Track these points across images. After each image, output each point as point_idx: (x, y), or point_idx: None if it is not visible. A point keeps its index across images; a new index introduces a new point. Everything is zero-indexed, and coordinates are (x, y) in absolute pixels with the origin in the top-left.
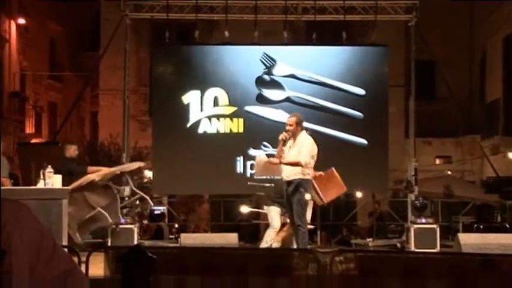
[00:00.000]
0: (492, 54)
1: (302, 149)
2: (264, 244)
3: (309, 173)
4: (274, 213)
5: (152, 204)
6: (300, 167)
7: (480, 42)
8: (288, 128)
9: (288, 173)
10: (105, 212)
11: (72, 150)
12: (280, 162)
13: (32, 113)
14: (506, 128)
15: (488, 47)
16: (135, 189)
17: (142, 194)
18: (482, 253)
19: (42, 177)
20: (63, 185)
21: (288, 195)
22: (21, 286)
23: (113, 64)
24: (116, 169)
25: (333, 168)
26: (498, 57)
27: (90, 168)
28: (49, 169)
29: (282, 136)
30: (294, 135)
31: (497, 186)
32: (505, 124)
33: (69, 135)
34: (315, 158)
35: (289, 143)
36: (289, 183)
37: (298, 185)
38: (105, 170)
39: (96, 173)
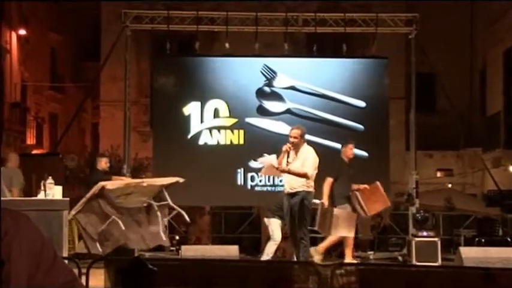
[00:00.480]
0: (492, 67)
1: (306, 161)
2: (265, 257)
3: (312, 185)
4: (275, 226)
5: (188, 220)
6: (304, 179)
7: (480, 54)
8: (292, 140)
9: (293, 185)
10: (119, 221)
11: (103, 163)
12: (289, 171)
13: (33, 124)
14: (507, 141)
15: (489, 60)
16: (172, 204)
17: (179, 210)
18: (484, 267)
19: (42, 188)
20: None
21: (290, 206)
22: None
23: (114, 75)
24: (140, 181)
25: (378, 182)
26: (499, 70)
27: (114, 178)
28: (50, 180)
29: (286, 147)
30: (296, 147)
31: (498, 199)
32: (506, 137)
33: (70, 147)
34: (317, 170)
35: (291, 154)
36: (292, 195)
37: (303, 198)
38: (123, 180)
39: (110, 182)
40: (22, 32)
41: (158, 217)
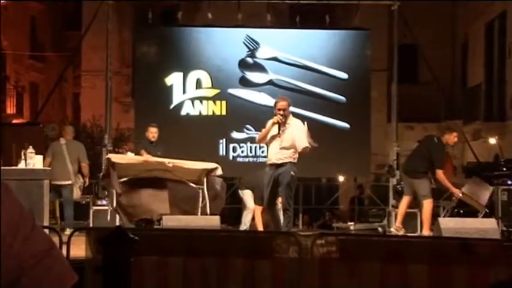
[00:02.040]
0: (474, 40)
1: (301, 134)
2: (243, 226)
3: (297, 157)
4: (248, 196)
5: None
6: (292, 151)
7: (462, 27)
8: (281, 112)
9: (279, 156)
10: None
11: (150, 133)
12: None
13: (13, 93)
14: (487, 113)
15: (471, 32)
16: (205, 192)
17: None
18: (462, 237)
19: (23, 157)
20: None
21: (275, 177)
22: None
23: (96, 44)
24: (165, 161)
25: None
26: (480, 43)
27: (142, 152)
28: (30, 149)
29: (276, 119)
30: (285, 119)
31: (477, 171)
32: (486, 109)
33: (51, 116)
34: None
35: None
36: (278, 165)
37: (290, 168)
38: (145, 157)
39: (119, 156)
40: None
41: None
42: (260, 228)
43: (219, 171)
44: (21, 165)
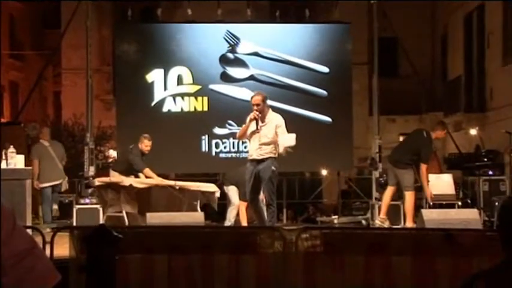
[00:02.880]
0: (453, 32)
1: (282, 129)
2: (227, 222)
3: (277, 151)
4: (232, 192)
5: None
6: (272, 147)
7: (442, 19)
8: (256, 107)
9: (261, 152)
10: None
11: (144, 145)
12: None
13: None
14: (467, 105)
15: (450, 25)
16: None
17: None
18: (445, 228)
19: (4, 157)
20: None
21: (256, 172)
22: None
23: (75, 42)
24: (173, 183)
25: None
26: (459, 35)
27: (147, 171)
28: (11, 149)
29: (253, 115)
30: (262, 113)
31: (459, 162)
32: (467, 101)
33: (32, 115)
34: None
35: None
36: (259, 161)
37: (271, 163)
38: (157, 180)
39: (138, 180)
40: None
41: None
42: (244, 223)
43: (217, 194)
44: (3, 165)
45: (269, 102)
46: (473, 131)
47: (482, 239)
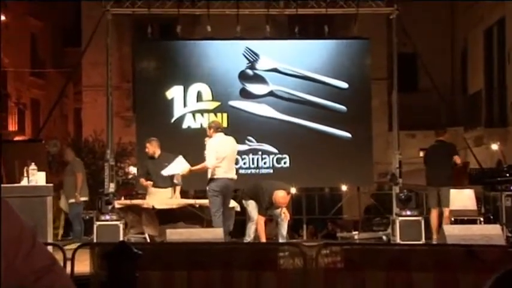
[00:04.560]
0: (473, 46)
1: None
2: (247, 238)
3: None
4: (252, 207)
5: None
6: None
7: (461, 33)
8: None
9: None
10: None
11: (147, 149)
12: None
13: (14, 111)
14: (488, 120)
15: (470, 39)
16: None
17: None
18: (466, 244)
19: (26, 174)
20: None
21: (230, 191)
22: None
23: (96, 60)
24: (193, 202)
25: None
26: (479, 49)
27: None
28: (33, 166)
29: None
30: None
31: (480, 177)
32: (487, 116)
33: (53, 132)
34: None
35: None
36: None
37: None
38: (177, 201)
39: (160, 202)
40: (1, 17)
41: None
42: (263, 238)
43: (237, 209)
44: (24, 182)
45: (288, 118)
46: (494, 146)
47: (505, 255)
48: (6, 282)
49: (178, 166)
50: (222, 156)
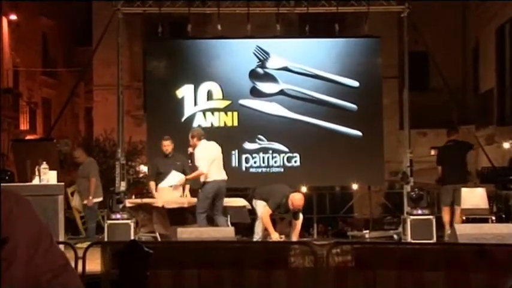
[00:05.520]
0: (485, 45)
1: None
2: (255, 236)
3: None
4: (260, 207)
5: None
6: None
7: (473, 32)
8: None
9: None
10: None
11: (164, 147)
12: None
13: (26, 110)
14: (500, 118)
15: (481, 37)
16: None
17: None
18: (478, 243)
19: (37, 173)
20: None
21: (223, 192)
22: (17, 275)
23: (106, 59)
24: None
25: None
26: (491, 47)
27: (160, 189)
28: (44, 165)
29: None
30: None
31: (492, 176)
32: (499, 114)
33: (64, 131)
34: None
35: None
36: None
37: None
38: (188, 200)
39: (168, 201)
40: (13, 17)
41: None
42: (272, 233)
43: (248, 207)
44: (35, 181)
45: (299, 116)
46: (506, 145)
47: None
48: (24, 276)
49: (175, 178)
50: (211, 159)
